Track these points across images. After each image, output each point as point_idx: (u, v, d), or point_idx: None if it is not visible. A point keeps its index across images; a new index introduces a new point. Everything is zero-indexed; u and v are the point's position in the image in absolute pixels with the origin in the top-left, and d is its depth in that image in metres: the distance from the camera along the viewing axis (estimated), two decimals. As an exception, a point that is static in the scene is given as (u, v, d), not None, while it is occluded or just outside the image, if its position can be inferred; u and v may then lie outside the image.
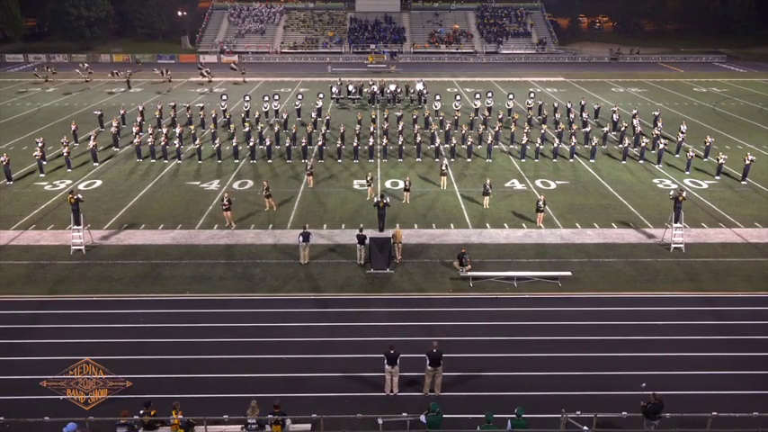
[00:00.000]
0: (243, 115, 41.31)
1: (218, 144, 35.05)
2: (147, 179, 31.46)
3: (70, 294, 20.58)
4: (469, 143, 34.65)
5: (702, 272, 22.24)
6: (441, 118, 41.38)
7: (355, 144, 34.71)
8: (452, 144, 35.78)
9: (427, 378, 15.68)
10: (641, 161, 34.23)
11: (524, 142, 34.61)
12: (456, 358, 16.80)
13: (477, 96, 44.83)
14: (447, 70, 68.13)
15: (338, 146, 34.61)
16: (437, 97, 45.58)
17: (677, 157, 34.94)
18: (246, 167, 33.38)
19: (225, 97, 45.22)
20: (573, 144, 34.98)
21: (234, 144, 35.85)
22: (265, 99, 44.84)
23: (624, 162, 34.18)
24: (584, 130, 38.65)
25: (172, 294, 20.64)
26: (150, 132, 36.14)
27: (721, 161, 31.72)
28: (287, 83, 58.75)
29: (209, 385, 16.34)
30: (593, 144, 34.83)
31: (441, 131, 39.10)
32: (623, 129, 37.68)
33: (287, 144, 34.70)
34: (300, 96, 45.78)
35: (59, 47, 79.70)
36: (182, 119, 41.11)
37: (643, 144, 34.59)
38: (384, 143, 35.49)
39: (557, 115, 42.77)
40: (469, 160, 34.47)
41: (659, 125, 38.36)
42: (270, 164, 33.95)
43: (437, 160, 33.93)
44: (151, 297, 20.47)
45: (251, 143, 34.52)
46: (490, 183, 28.23)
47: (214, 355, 17.50)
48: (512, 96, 44.70)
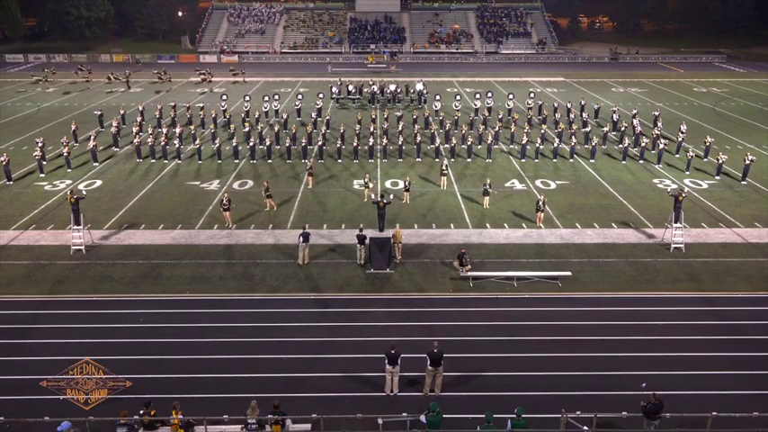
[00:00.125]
0: (243, 115, 41.31)
1: (218, 144, 35.05)
2: (147, 179, 31.46)
3: (70, 294, 20.59)
4: (469, 143, 34.65)
5: (702, 272, 22.25)
6: (441, 118, 41.40)
7: (355, 144, 34.72)
8: (452, 144, 35.78)
9: (428, 378, 15.68)
10: (641, 161, 34.24)
11: (524, 142, 34.61)
12: (456, 358, 16.79)
13: (477, 96, 44.82)
14: (447, 70, 68.13)
15: (338, 146, 34.62)
16: (437, 97, 45.58)
17: (677, 157, 34.95)
18: (246, 167, 33.39)
19: (225, 97, 45.22)
20: (573, 144, 34.99)
21: (234, 144, 35.86)
22: (265, 99, 44.84)
23: (624, 162, 34.18)
24: (584, 130, 38.66)
25: (172, 294, 20.64)
26: (150, 132, 36.15)
27: (721, 161, 31.73)
28: (287, 83, 58.74)
29: (209, 385, 16.34)
30: (593, 144, 34.84)
31: (441, 131, 39.10)
32: (623, 129, 37.68)
33: (287, 144, 34.71)
34: (300, 96, 45.78)
35: (59, 47, 79.71)
36: (182, 119, 41.11)
37: (643, 144, 34.59)
38: (384, 143, 35.50)
39: (557, 115, 42.77)
40: (469, 160, 34.47)
41: (659, 125, 38.36)
42: (270, 164, 33.95)
43: (437, 160, 33.92)
44: (151, 297, 20.48)
45: (251, 143, 34.53)
46: (490, 183, 28.25)
47: (214, 355, 17.50)
48: (512, 96, 44.69)
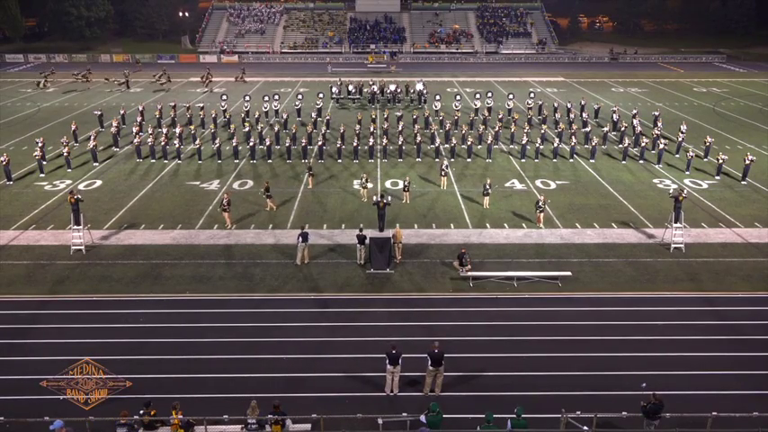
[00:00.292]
0: (243, 115, 41.30)
1: (218, 144, 35.05)
2: (147, 179, 31.46)
3: (70, 294, 20.59)
4: (469, 143, 34.65)
5: (702, 272, 22.24)
6: (441, 118, 41.40)
7: (355, 144, 34.71)
8: (452, 144, 35.78)
9: (428, 378, 15.67)
10: (641, 161, 34.24)
11: (524, 142, 34.60)
12: (456, 358, 16.78)
13: (477, 96, 44.81)
14: (447, 70, 68.12)
15: (338, 146, 34.61)
16: (437, 97, 45.57)
17: (677, 157, 34.95)
18: (246, 167, 33.39)
19: (225, 97, 45.21)
20: (573, 144, 34.98)
21: (234, 144, 35.85)
22: (265, 99, 44.83)
23: (624, 162, 34.18)
24: (584, 130, 38.66)
25: (172, 294, 20.64)
26: (150, 132, 36.13)
27: (721, 161, 31.72)
28: (287, 83, 58.74)
29: (209, 385, 16.34)
30: (593, 144, 34.83)
31: (441, 131, 39.10)
32: (623, 129, 37.67)
33: (287, 144, 34.70)
34: (300, 96, 45.78)
35: (59, 47, 79.69)
36: (182, 119, 41.10)
37: (643, 144, 34.58)
38: (384, 143, 35.50)
39: (557, 115, 42.77)
40: (469, 160, 34.47)
41: (659, 125, 38.35)
42: (270, 164, 33.95)
43: (437, 160, 33.92)
44: (151, 297, 20.47)
45: (251, 143, 34.52)
46: (490, 183, 28.24)
47: (214, 355, 17.50)
48: (512, 96, 44.69)
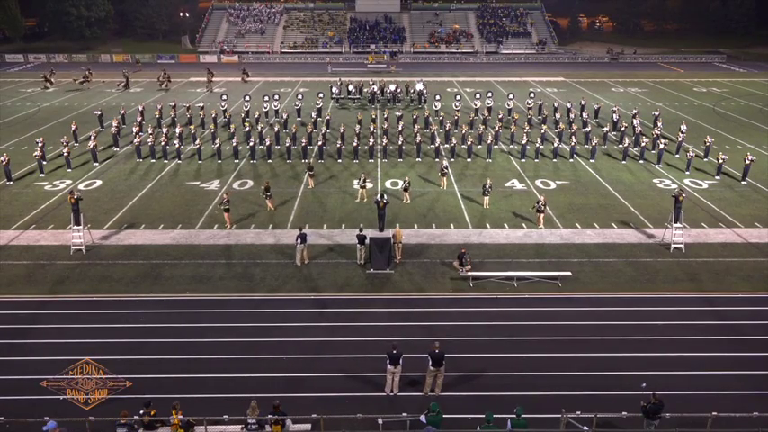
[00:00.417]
0: (243, 115, 41.29)
1: (218, 144, 35.05)
2: (147, 179, 31.46)
3: (70, 294, 20.59)
4: (469, 143, 34.65)
5: (702, 272, 22.25)
6: (441, 118, 41.39)
7: (355, 144, 34.71)
8: (452, 144, 35.77)
9: (429, 378, 15.67)
10: (641, 161, 34.24)
11: (524, 142, 34.60)
12: (456, 358, 16.77)
13: (477, 96, 44.81)
14: (447, 70, 68.11)
15: (338, 146, 34.60)
16: (437, 97, 45.57)
17: (677, 157, 34.95)
18: (246, 167, 33.39)
19: (225, 97, 45.21)
20: (573, 144, 34.98)
21: (234, 144, 35.85)
22: (265, 99, 44.82)
23: (624, 162, 34.18)
24: (584, 130, 38.65)
25: (172, 294, 20.64)
26: (150, 132, 36.12)
27: (721, 161, 31.72)
28: (287, 83, 58.73)
29: (209, 385, 16.34)
30: (593, 144, 34.82)
31: (441, 131, 39.09)
32: (623, 129, 37.66)
33: (287, 144, 34.70)
34: (300, 96, 45.77)
35: (59, 47, 79.66)
36: (182, 119, 41.09)
37: (643, 144, 34.58)
38: (384, 143, 35.50)
39: (557, 115, 42.76)
40: (469, 160, 34.47)
41: (659, 125, 38.34)
42: (270, 164, 33.95)
43: (437, 160, 33.92)
44: (151, 297, 20.48)
45: (251, 143, 34.52)
46: (490, 183, 28.24)
47: (214, 355, 17.51)
48: (512, 96, 44.68)
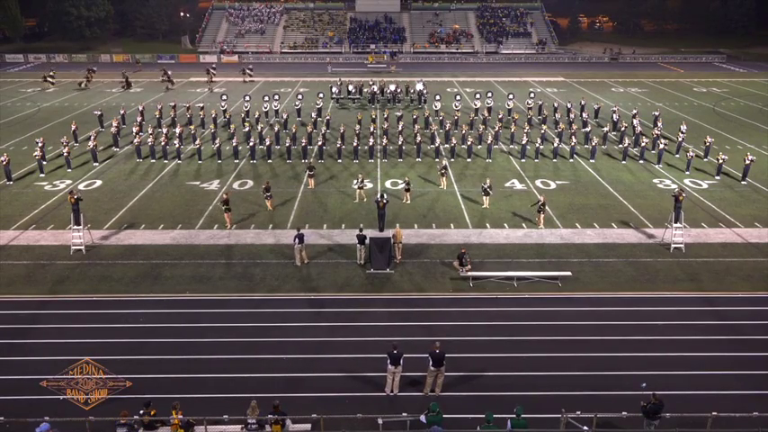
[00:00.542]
0: (243, 115, 41.30)
1: (218, 144, 35.05)
2: (147, 179, 31.46)
3: (70, 294, 20.59)
4: (469, 143, 34.64)
5: (702, 272, 22.24)
6: (441, 118, 41.39)
7: (355, 144, 34.71)
8: (452, 144, 35.75)
9: (429, 378, 15.67)
10: (641, 161, 34.23)
11: (524, 142, 34.60)
12: (456, 358, 16.77)
13: (477, 96, 44.80)
14: (447, 70, 68.10)
15: (338, 146, 34.60)
16: (437, 97, 45.56)
17: (677, 157, 34.94)
18: (246, 167, 33.38)
19: (225, 97, 45.20)
20: (573, 144, 34.97)
21: (234, 144, 35.85)
22: (265, 99, 44.82)
23: (624, 162, 34.18)
24: (584, 130, 38.65)
25: (172, 294, 20.64)
26: (150, 132, 36.12)
27: (721, 161, 31.72)
28: (287, 83, 58.73)
29: (209, 385, 16.34)
30: (593, 144, 34.82)
31: (441, 131, 39.09)
32: (623, 129, 37.65)
33: (287, 144, 34.71)
34: (300, 96, 45.77)
35: (59, 47, 79.67)
36: (182, 119, 41.10)
37: (643, 144, 34.58)
38: (384, 143, 35.50)
39: (557, 115, 42.76)
40: (469, 160, 34.47)
41: (659, 125, 38.33)
42: (270, 164, 33.95)
43: (437, 160, 33.93)
44: (151, 297, 20.48)
45: (251, 143, 34.51)
46: (490, 183, 28.24)
47: (214, 355, 17.51)
48: (512, 96, 44.68)
